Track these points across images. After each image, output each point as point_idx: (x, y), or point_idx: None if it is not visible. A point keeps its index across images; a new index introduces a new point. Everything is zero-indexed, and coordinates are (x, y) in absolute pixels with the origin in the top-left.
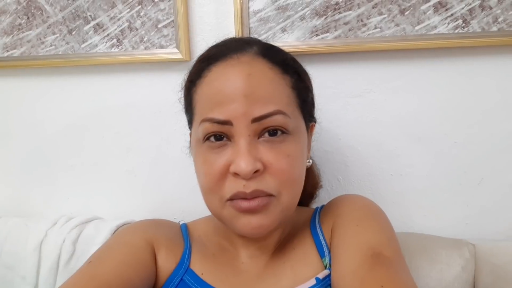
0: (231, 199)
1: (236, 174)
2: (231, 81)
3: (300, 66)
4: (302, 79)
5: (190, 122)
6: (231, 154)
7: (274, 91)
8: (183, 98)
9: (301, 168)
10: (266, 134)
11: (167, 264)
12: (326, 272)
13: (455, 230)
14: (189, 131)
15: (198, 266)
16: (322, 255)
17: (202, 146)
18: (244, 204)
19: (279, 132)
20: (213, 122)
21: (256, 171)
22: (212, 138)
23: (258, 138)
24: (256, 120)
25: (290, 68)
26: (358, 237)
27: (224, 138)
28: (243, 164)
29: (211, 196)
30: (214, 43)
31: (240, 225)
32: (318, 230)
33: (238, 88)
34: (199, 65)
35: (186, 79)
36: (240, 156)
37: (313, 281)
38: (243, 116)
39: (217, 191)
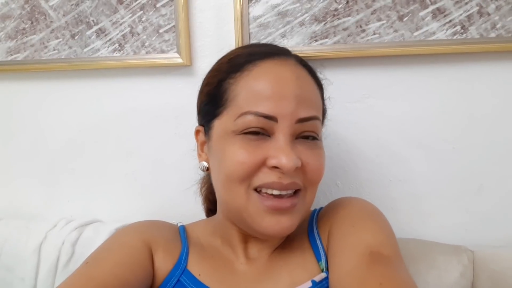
0: (260, 187)
1: (274, 168)
2: (283, 80)
3: None
4: (323, 92)
5: (214, 115)
6: (270, 148)
7: (314, 97)
8: (207, 90)
9: None
10: (300, 138)
11: (164, 265)
12: (322, 275)
13: (454, 236)
14: (196, 126)
15: (195, 267)
16: (319, 259)
17: (237, 136)
18: (275, 202)
19: (310, 138)
20: (258, 116)
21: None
22: (249, 133)
23: (295, 139)
24: (300, 121)
25: (319, 81)
26: (353, 238)
27: (260, 134)
28: (286, 160)
29: (237, 185)
30: (252, 44)
31: (267, 223)
32: (316, 234)
33: (290, 87)
34: (236, 60)
35: (216, 71)
36: (283, 152)
37: (309, 284)
38: (290, 115)
39: (246, 180)
